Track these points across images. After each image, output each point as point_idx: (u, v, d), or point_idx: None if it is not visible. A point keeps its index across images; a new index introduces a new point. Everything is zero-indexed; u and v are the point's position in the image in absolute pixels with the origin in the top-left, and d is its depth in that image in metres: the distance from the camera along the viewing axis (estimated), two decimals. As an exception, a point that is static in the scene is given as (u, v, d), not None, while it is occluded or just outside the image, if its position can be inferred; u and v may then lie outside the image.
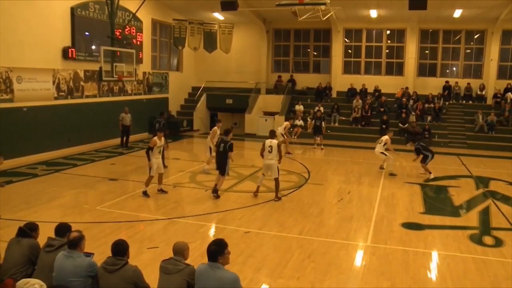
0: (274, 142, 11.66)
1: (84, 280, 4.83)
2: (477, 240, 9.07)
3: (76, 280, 4.77)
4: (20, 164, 14.79)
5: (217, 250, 4.65)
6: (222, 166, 11.72)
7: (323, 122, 20.68)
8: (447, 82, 24.52)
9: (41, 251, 5.34)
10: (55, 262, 4.89)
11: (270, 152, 11.53)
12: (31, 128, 15.78)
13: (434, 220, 10.38)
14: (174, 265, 4.85)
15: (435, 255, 8.29)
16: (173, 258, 4.93)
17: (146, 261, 7.19)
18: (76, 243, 4.96)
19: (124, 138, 19.14)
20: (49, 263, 5.01)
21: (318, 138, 20.57)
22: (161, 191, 11.90)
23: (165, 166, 13.39)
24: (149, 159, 11.45)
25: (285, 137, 18.77)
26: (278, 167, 11.68)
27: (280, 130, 18.20)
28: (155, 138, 11.64)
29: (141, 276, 4.83)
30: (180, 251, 4.99)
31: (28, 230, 5.61)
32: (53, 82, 16.99)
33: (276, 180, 11.58)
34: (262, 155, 11.75)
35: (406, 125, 22.17)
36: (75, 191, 12.06)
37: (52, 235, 5.51)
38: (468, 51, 25.19)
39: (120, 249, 4.88)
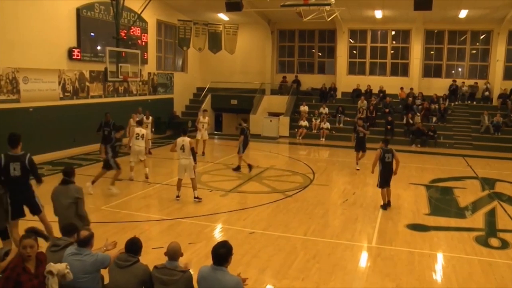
0: (187, 140, 11.03)
1: (93, 276, 4.86)
2: (483, 242, 9.04)
3: (84, 277, 4.80)
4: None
5: (226, 254, 4.55)
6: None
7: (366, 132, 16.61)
8: (454, 81, 24.44)
9: (47, 251, 5.36)
10: (63, 260, 4.90)
11: (183, 151, 11.03)
12: (37, 129, 15.82)
13: (439, 221, 10.35)
14: (169, 275, 4.71)
15: (440, 256, 8.27)
16: (167, 267, 4.76)
17: (151, 261, 7.13)
18: (87, 242, 5.00)
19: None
20: (55, 262, 5.00)
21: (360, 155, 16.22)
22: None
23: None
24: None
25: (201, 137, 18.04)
26: (194, 166, 11.25)
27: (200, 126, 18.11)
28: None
29: (150, 276, 4.82)
30: (175, 254, 4.84)
31: (68, 177, 6.80)
32: (59, 83, 17.07)
33: (193, 180, 11.23)
34: (174, 151, 11.41)
35: (413, 126, 22.13)
36: (81, 191, 12.06)
37: (59, 235, 5.54)
38: (474, 51, 25.11)
39: (134, 247, 4.94)
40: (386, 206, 11.04)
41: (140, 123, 14.26)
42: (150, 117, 17.85)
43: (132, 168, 13.43)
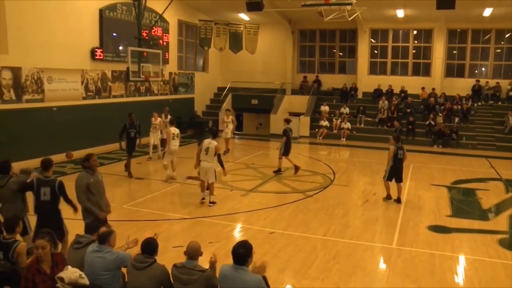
0: (213, 144, 10.79)
1: (114, 274, 4.93)
2: (507, 245, 8.88)
3: (105, 274, 4.88)
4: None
5: (246, 254, 4.55)
6: None
7: None
8: (477, 81, 24.04)
9: (70, 248, 5.47)
10: (86, 257, 5.00)
11: (206, 153, 10.80)
12: (60, 127, 16.09)
13: (461, 223, 10.21)
14: (188, 275, 4.71)
15: (462, 259, 8.17)
16: (186, 267, 4.77)
17: (171, 259, 7.18)
18: (105, 238, 5.08)
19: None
20: (77, 259, 5.11)
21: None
22: None
23: None
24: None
25: (228, 135, 18.44)
26: (215, 171, 11.00)
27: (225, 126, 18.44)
28: None
29: (168, 275, 4.86)
30: (194, 254, 4.85)
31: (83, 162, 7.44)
32: (82, 82, 17.32)
33: (211, 184, 10.95)
34: (198, 157, 11.10)
35: (435, 126, 21.88)
36: (102, 190, 12.22)
37: (80, 232, 5.64)
38: (498, 50, 24.65)
39: (150, 248, 4.95)
40: (389, 197, 11.60)
41: (172, 122, 14.26)
42: (159, 119, 17.23)
43: (166, 167, 13.40)
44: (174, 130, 13.44)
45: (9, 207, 6.94)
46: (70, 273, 4.55)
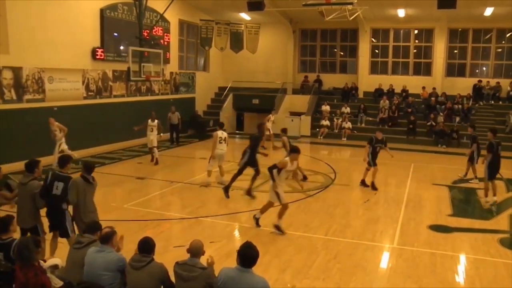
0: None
1: (114, 275, 4.91)
2: (508, 244, 8.86)
3: (106, 274, 4.86)
4: (50, 162, 15.07)
5: (257, 257, 4.49)
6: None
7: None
8: (479, 81, 23.99)
9: (70, 248, 5.47)
10: (87, 256, 5.00)
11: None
12: (62, 127, 16.09)
13: (462, 222, 10.19)
14: (189, 271, 4.73)
15: (463, 258, 8.15)
16: (187, 264, 4.79)
17: (172, 259, 7.16)
18: (108, 238, 5.08)
19: (174, 136, 20.20)
20: (78, 259, 5.11)
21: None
22: None
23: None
24: None
25: (270, 131, 19.52)
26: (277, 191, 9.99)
27: (269, 124, 19.67)
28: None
29: (166, 273, 4.87)
30: (197, 252, 4.87)
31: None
32: (83, 82, 17.33)
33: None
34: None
35: (436, 126, 21.86)
36: (103, 189, 12.12)
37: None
38: (499, 50, 24.62)
39: (146, 246, 4.95)
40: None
41: (221, 126, 13.40)
42: (156, 120, 15.96)
43: (210, 173, 13.01)
44: (222, 133, 12.89)
45: (25, 206, 7.00)
46: (57, 260, 4.60)
